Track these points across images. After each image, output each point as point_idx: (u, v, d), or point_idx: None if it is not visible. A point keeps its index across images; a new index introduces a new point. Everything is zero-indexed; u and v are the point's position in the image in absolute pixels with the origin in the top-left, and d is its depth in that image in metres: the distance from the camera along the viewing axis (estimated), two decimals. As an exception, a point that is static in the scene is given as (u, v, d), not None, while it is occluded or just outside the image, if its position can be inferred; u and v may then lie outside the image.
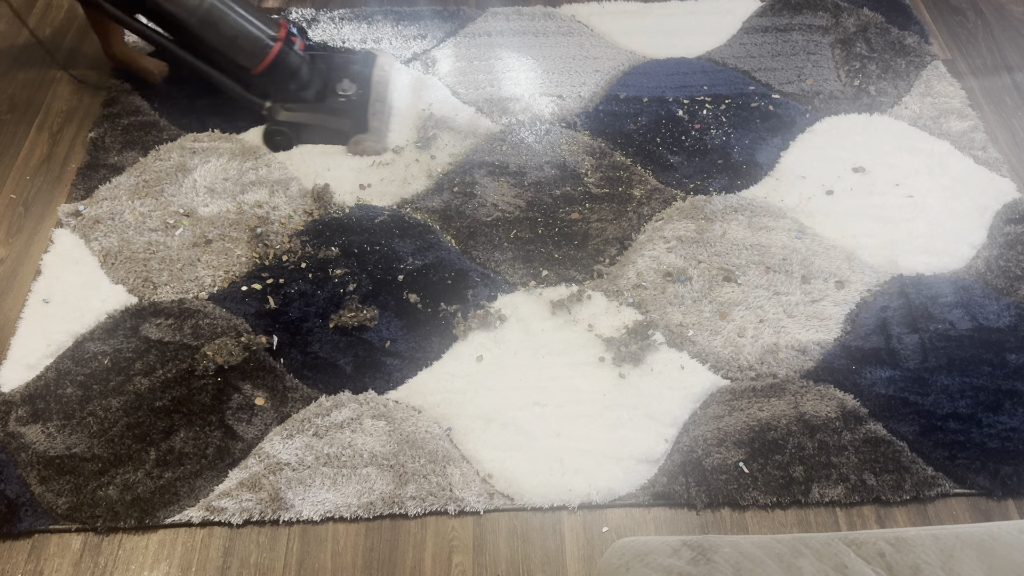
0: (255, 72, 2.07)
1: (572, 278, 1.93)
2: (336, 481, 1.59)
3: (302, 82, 2.14)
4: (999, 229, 2.02)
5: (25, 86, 2.35)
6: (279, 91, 2.13)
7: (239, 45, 2.02)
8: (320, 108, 2.16)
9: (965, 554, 1.09)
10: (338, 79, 2.19)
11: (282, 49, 2.07)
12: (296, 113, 2.13)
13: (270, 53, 2.05)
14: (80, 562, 1.51)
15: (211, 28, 2.00)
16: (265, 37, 2.05)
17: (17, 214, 2.05)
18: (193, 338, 1.79)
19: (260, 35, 2.04)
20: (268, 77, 2.09)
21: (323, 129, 2.15)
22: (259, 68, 2.06)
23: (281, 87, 2.12)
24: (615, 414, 1.69)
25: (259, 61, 2.05)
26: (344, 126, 2.14)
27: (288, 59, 2.09)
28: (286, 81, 2.12)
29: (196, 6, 1.97)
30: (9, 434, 1.65)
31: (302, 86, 2.15)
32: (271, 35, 2.06)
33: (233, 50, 2.03)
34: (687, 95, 2.33)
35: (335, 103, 2.16)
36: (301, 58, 2.13)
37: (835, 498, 1.58)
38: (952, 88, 2.34)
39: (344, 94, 2.16)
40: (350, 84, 2.17)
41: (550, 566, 1.52)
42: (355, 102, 2.17)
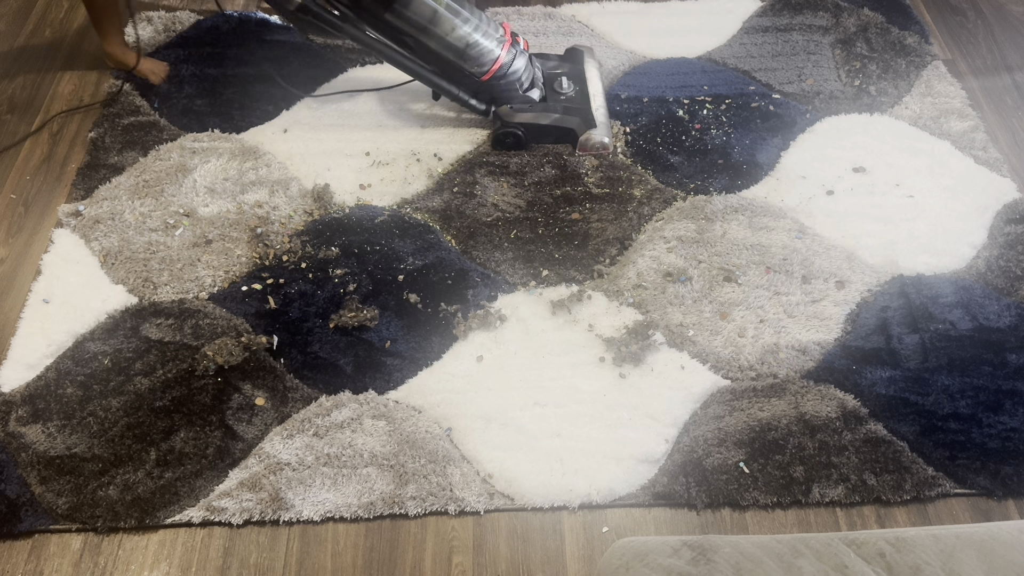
0: (484, 78, 2.05)
1: (572, 278, 1.93)
2: (336, 481, 1.59)
3: (528, 83, 2.13)
4: (999, 229, 2.01)
5: (25, 86, 2.35)
6: (507, 94, 2.11)
7: (468, 54, 2.00)
8: (548, 108, 2.15)
9: (965, 554, 1.09)
10: (553, 78, 2.19)
11: (509, 52, 2.05)
12: (528, 114, 2.13)
13: (498, 58, 2.03)
14: (80, 562, 1.51)
15: (442, 40, 1.97)
16: (493, 43, 2.02)
17: (17, 214, 2.05)
18: (193, 338, 1.79)
19: (488, 41, 2.01)
20: (496, 81, 2.07)
21: (555, 128, 2.15)
22: (488, 75, 2.04)
23: (509, 90, 2.11)
24: (615, 414, 1.69)
25: (488, 67, 2.03)
26: (573, 124, 2.14)
27: (515, 62, 2.07)
28: (514, 84, 2.10)
29: (429, 19, 1.94)
30: (9, 434, 1.65)
31: (528, 87, 2.13)
32: (498, 38, 2.03)
33: (462, 59, 2.01)
34: (687, 95, 2.33)
35: (558, 102, 2.16)
36: (527, 60, 2.12)
37: (835, 498, 1.58)
38: (952, 88, 2.34)
39: (565, 92, 2.16)
40: (568, 82, 2.18)
41: (550, 566, 1.52)
42: (575, 99, 2.17)
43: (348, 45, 2.46)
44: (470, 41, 1.98)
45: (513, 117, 2.12)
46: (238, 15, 2.54)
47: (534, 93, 2.15)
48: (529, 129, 2.14)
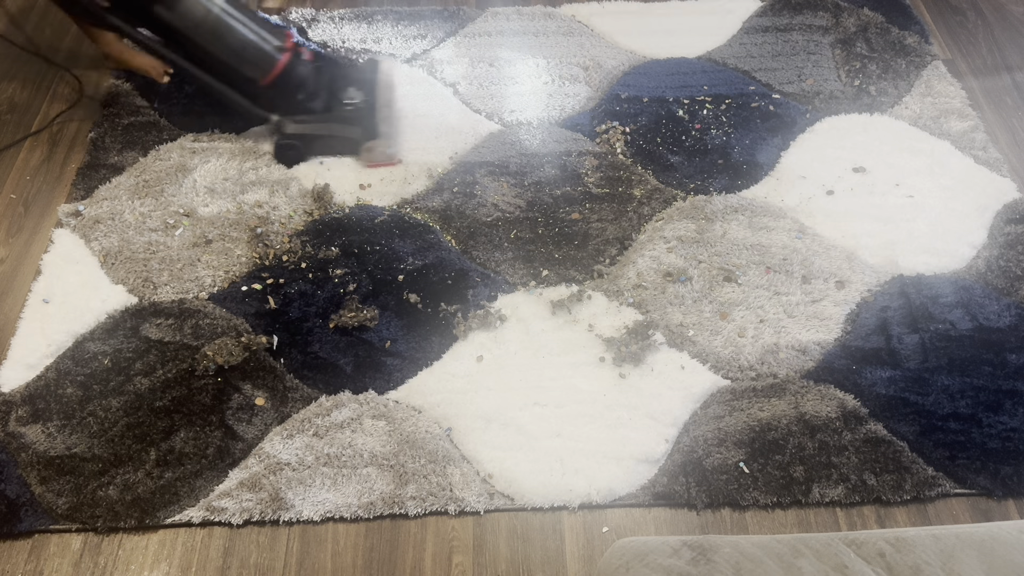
0: (263, 84, 2.04)
1: (572, 278, 1.93)
2: (336, 481, 1.59)
3: (309, 93, 2.11)
4: (999, 229, 2.02)
5: (25, 86, 2.35)
6: (287, 103, 2.10)
7: (246, 57, 1.99)
8: (329, 118, 2.12)
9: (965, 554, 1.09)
10: (342, 87, 2.16)
11: (290, 60, 2.04)
12: (305, 125, 2.10)
13: (278, 64, 2.02)
14: (80, 562, 1.51)
15: (217, 40, 1.96)
16: (272, 49, 2.02)
17: (17, 214, 2.05)
18: (193, 338, 1.79)
19: (267, 47, 2.01)
20: (276, 89, 2.06)
21: (334, 139, 2.12)
22: (267, 80, 2.03)
23: (289, 98, 2.09)
24: (615, 414, 1.69)
25: (266, 73, 2.02)
26: (355, 134, 2.11)
27: (296, 70, 2.06)
28: (294, 92, 2.09)
29: (202, 18, 1.93)
30: (9, 434, 1.65)
31: (310, 97, 2.11)
32: (278, 46, 2.03)
33: (240, 62, 2.00)
34: (687, 95, 2.33)
35: (343, 112, 2.13)
36: (309, 68, 2.10)
37: (835, 498, 1.58)
38: (952, 88, 2.34)
39: (351, 102, 2.13)
40: (356, 91, 2.15)
41: (550, 566, 1.52)
42: (363, 109, 2.14)
43: (348, 46, 2.46)
44: (246, 44, 1.97)
45: (290, 128, 2.09)
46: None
47: (317, 103, 2.12)
48: (307, 140, 2.11)
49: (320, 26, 2.52)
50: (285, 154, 2.12)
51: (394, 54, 2.43)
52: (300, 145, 2.11)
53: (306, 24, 2.52)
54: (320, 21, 2.53)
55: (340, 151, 2.15)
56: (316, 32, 2.50)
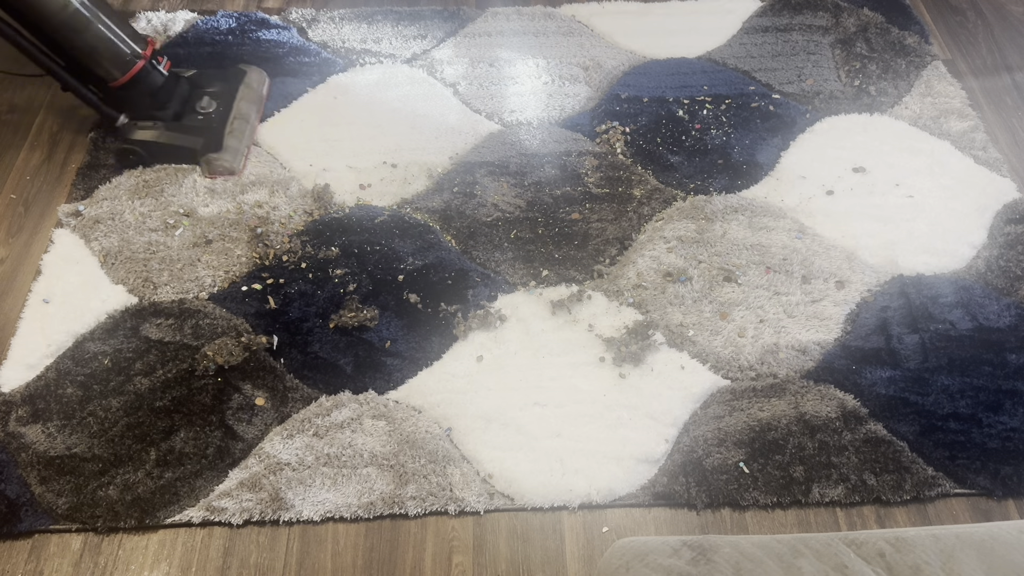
0: (113, 85, 2.03)
1: (572, 278, 1.93)
2: (336, 481, 1.59)
3: (161, 101, 2.10)
4: (999, 229, 2.02)
5: (25, 86, 2.35)
6: (136, 107, 2.09)
7: (100, 55, 1.97)
8: (174, 127, 2.11)
9: (965, 554, 1.09)
10: (198, 96, 2.16)
11: (145, 67, 2.03)
12: (148, 131, 2.09)
13: (132, 69, 2.01)
14: (80, 562, 1.51)
15: (73, 34, 1.93)
16: (129, 52, 2.00)
17: (17, 214, 2.05)
18: (193, 338, 1.79)
19: (124, 49, 1.99)
20: (126, 92, 2.05)
21: (173, 147, 2.10)
22: (118, 82, 2.02)
23: (138, 103, 2.08)
24: (615, 414, 1.69)
25: (119, 75, 2.01)
26: (195, 144, 2.09)
27: (149, 77, 2.06)
28: (144, 98, 2.08)
29: (60, 8, 1.89)
30: (9, 434, 1.65)
31: (160, 105, 2.10)
32: (136, 51, 2.02)
33: (93, 59, 1.98)
34: (687, 95, 2.33)
35: (192, 121, 2.12)
36: (164, 77, 2.09)
37: (835, 498, 1.58)
38: (952, 88, 2.34)
39: (203, 111, 2.13)
40: (210, 101, 2.14)
41: (550, 566, 1.52)
42: (213, 120, 2.13)
43: (348, 47, 2.46)
44: (100, 44, 1.96)
45: (133, 134, 2.08)
46: (238, 15, 2.54)
47: (167, 112, 2.11)
48: (148, 147, 2.09)
49: (320, 26, 2.52)
50: (126, 158, 2.11)
51: (394, 54, 2.43)
52: (142, 151, 2.09)
53: (306, 24, 2.52)
54: (320, 21, 2.53)
55: (181, 159, 2.12)
56: (316, 32, 2.50)
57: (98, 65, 1.99)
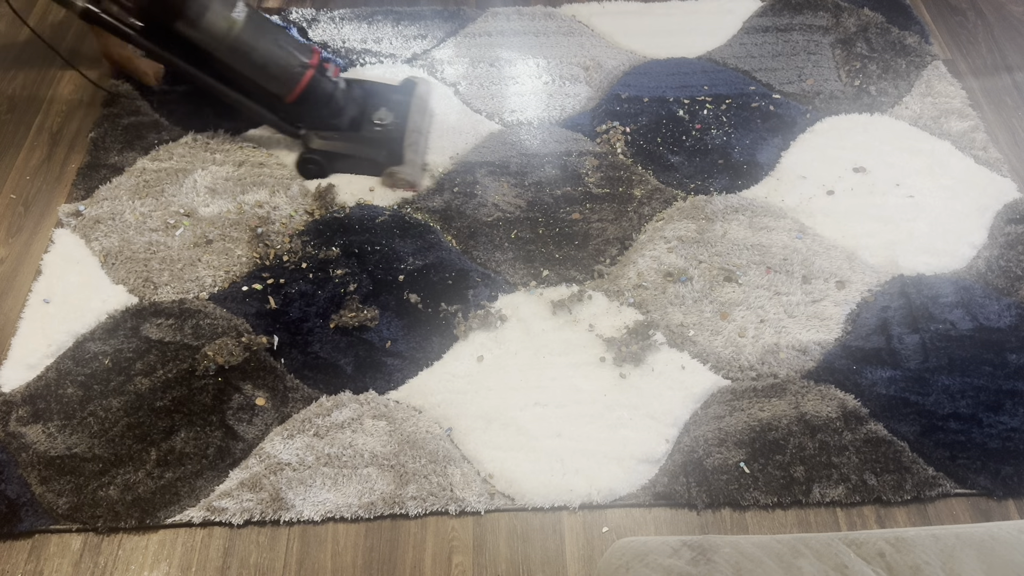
0: (288, 100, 2.02)
1: (573, 278, 1.93)
2: (337, 481, 1.59)
3: (336, 109, 2.08)
4: (1000, 229, 2.01)
5: (25, 86, 2.35)
6: (312, 118, 2.07)
7: (270, 73, 1.97)
8: (355, 137, 2.09)
9: (965, 554, 1.09)
10: (375, 107, 2.13)
11: (314, 76, 2.01)
12: (330, 142, 2.07)
13: (301, 80, 1.99)
14: (80, 562, 1.51)
15: (241, 56, 1.93)
16: (296, 64, 1.99)
17: (17, 214, 2.05)
18: (194, 338, 1.79)
19: (291, 62, 1.98)
20: (301, 105, 2.04)
21: (357, 159, 2.09)
22: (291, 96, 2.01)
23: (314, 114, 2.07)
24: (616, 414, 1.69)
25: (291, 89, 1.99)
26: (379, 156, 2.08)
27: (320, 86, 2.03)
28: (319, 108, 2.06)
29: (224, 34, 1.90)
30: (10, 434, 1.65)
31: (336, 113, 2.08)
32: (303, 62, 2.00)
33: (264, 78, 1.98)
34: (688, 95, 2.33)
35: (370, 132, 2.10)
36: (335, 85, 2.07)
37: (836, 498, 1.58)
38: (952, 88, 2.34)
39: (381, 123, 2.10)
40: (387, 113, 2.12)
41: (550, 566, 1.52)
42: (391, 132, 2.11)
43: (348, 47, 2.46)
44: (269, 60, 1.95)
45: (314, 143, 2.07)
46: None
47: (343, 120, 2.10)
48: (329, 157, 2.08)
49: (320, 26, 2.52)
50: (306, 168, 2.10)
51: (394, 54, 2.43)
52: (323, 161, 2.08)
53: (306, 24, 2.52)
54: (320, 21, 2.53)
55: (362, 171, 2.11)
56: (316, 32, 2.50)
57: (270, 82, 1.98)
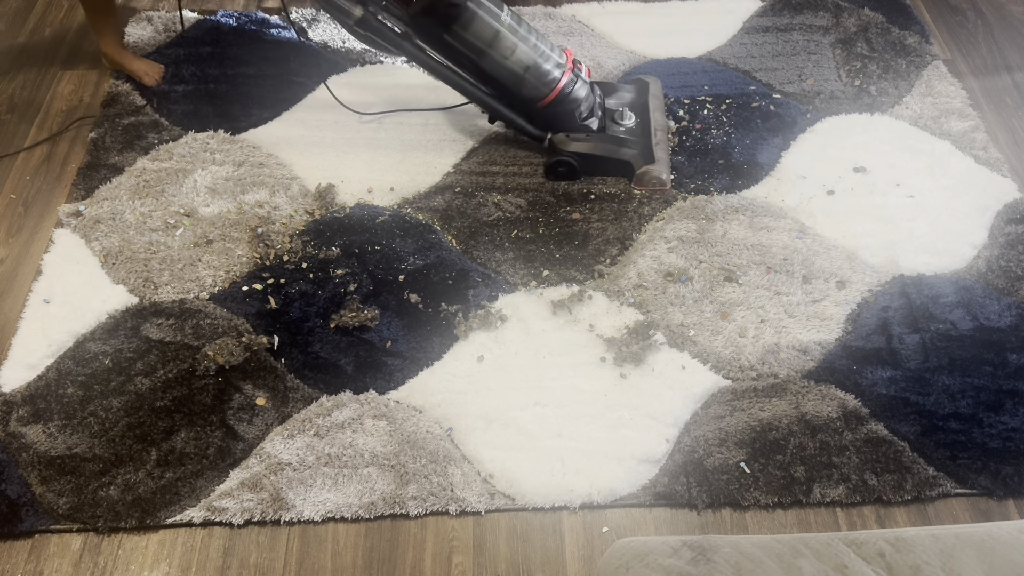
0: (541, 105, 2.01)
1: (573, 278, 1.93)
2: (337, 481, 1.59)
3: (588, 111, 2.07)
4: (1000, 229, 2.01)
5: (25, 86, 2.35)
6: (564, 122, 2.06)
7: (527, 78, 1.95)
8: (605, 139, 2.08)
9: (965, 554, 1.09)
10: (615, 108, 2.13)
11: (569, 79, 1.99)
12: (583, 143, 2.05)
13: (557, 85, 1.97)
14: (80, 562, 1.51)
15: (500, 62, 1.92)
16: (553, 68, 1.97)
17: (17, 214, 2.05)
18: (194, 338, 1.79)
19: (549, 67, 1.96)
20: (554, 108, 2.02)
21: (611, 160, 2.07)
22: (546, 101, 2.00)
23: (567, 117, 2.05)
24: (616, 414, 1.69)
25: (546, 93, 1.98)
26: (630, 156, 2.07)
27: (575, 90, 2.01)
28: (572, 112, 2.04)
29: (490, 40, 1.89)
30: (10, 434, 1.65)
31: (587, 116, 2.07)
32: (559, 64, 1.98)
33: (520, 83, 1.96)
34: (688, 95, 2.33)
35: (617, 133, 2.09)
36: (587, 87, 2.05)
37: (836, 498, 1.58)
38: (953, 88, 2.34)
39: (625, 124, 2.10)
40: (629, 113, 2.11)
41: (550, 566, 1.52)
42: (636, 132, 2.11)
43: (348, 47, 2.46)
44: (529, 65, 1.93)
45: (568, 146, 2.05)
46: (238, 15, 2.54)
47: (592, 122, 2.08)
48: (583, 159, 2.06)
49: (320, 26, 2.52)
50: (558, 171, 2.08)
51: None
52: (576, 163, 2.06)
53: (306, 24, 2.53)
54: (320, 21, 2.53)
55: (613, 172, 2.11)
56: (316, 32, 2.50)
57: (525, 87, 1.97)
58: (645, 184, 2.08)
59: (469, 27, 1.87)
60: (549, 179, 2.11)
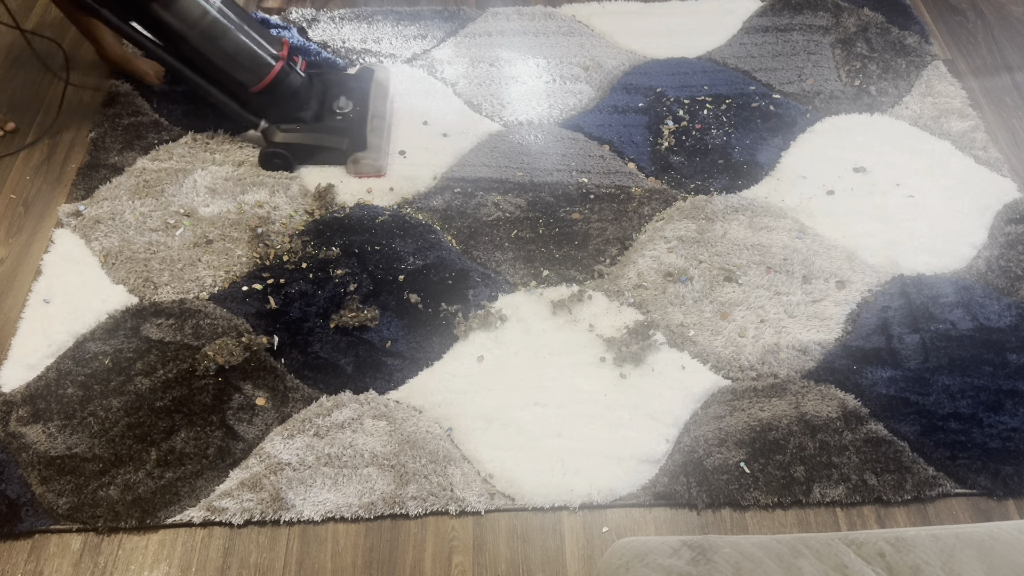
0: (253, 90, 2.03)
1: (573, 278, 1.93)
2: (337, 481, 1.59)
3: (300, 102, 2.09)
4: (1000, 229, 2.01)
5: (25, 86, 2.35)
6: (277, 110, 2.08)
7: (239, 62, 1.97)
8: (317, 128, 2.10)
9: (965, 554, 1.09)
10: (335, 96, 2.15)
11: (283, 68, 2.02)
12: (292, 134, 2.08)
13: (271, 72, 2.00)
14: (80, 562, 1.51)
15: (211, 43, 1.94)
16: (267, 55, 2.00)
17: (17, 214, 2.05)
18: (194, 338, 1.79)
19: (262, 53, 1.99)
20: (266, 96, 2.04)
21: (320, 149, 2.10)
22: (258, 87, 2.02)
23: (279, 106, 2.08)
24: (616, 414, 1.69)
25: (259, 79, 2.00)
26: (341, 144, 2.09)
27: (288, 79, 2.04)
28: (285, 100, 2.07)
29: (198, 19, 1.90)
30: (10, 434, 1.65)
31: (300, 106, 2.10)
32: (273, 53, 2.01)
33: (232, 66, 1.98)
34: (688, 95, 2.33)
35: (332, 122, 2.11)
36: (301, 78, 2.08)
37: (836, 498, 1.58)
38: (952, 88, 2.34)
39: (341, 112, 2.12)
40: (347, 101, 2.13)
41: (550, 566, 1.52)
42: (352, 119, 2.12)
43: (348, 47, 2.46)
44: (240, 49, 1.95)
45: (276, 137, 2.07)
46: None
47: (307, 113, 2.11)
48: (294, 149, 2.09)
49: (320, 26, 2.52)
50: (271, 162, 2.10)
51: (394, 54, 2.43)
52: (287, 154, 2.09)
53: (306, 24, 2.52)
54: (320, 21, 2.53)
55: (326, 161, 2.13)
56: (316, 32, 2.50)
57: (237, 71, 1.99)
58: (360, 172, 2.11)
59: (174, 5, 1.88)
60: (266, 169, 2.12)
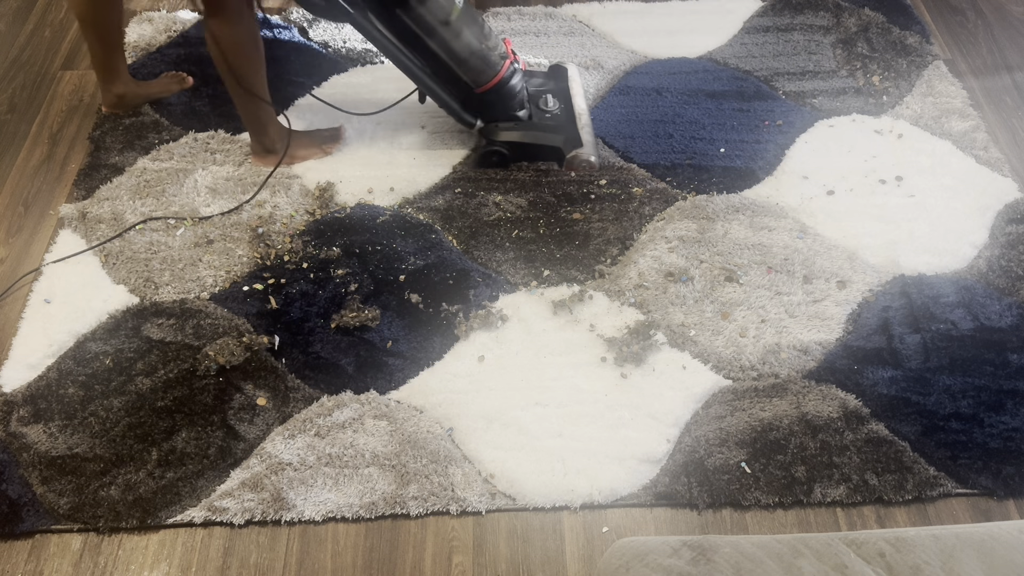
0: (479, 90, 2.03)
1: (574, 278, 1.93)
2: (338, 481, 1.59)
3: (521, 101, 2.10)
4: (1001, 229, 2.01)
5: (25, 86, 2.35)
6: (500, 109, 2.09)
7: (471, 63, 1.97)
8: (534, 126, 2.12)
9: (965, 554, 1.09)
10: (539, 95, 2.17)
11: (510, 68, 2.03)
12: (514, 132, 2.09)
13: (498, 73, 2.00)
14: (80, 562, 1.51)
15: (448, 43, 1.94)
16: (496, 57, 2.00)
17: (17, 214, 2.05)
18: (195, 338, 1.79)
19: (492, 55, 1.99)
20: (492, 95, 2.04)
21: (540, 147, 2.12)
22: (485, 86, 2.02)
23: (500, 106, 2.08)
24: (617, 414, 1.69)
25: (488, 79, 2.01)
26: (558, 142, 2.10)
27: (512, 80, 2.05)
28: (506, 101, 2.07)
29: (443, 20, 1.89)
30: (11, 434, 1.65)
31: (520, 105, 2.10)
32: (500, 53, 2.01)
33: (464, 66, 1.98)
34: (688, 95, 2.33)
35: (543, 119, 2.13)
36: (521, 77, 2.09)
37: (837, 498, 1.58)
38: (953, 88, 2.34)
39: (549, 110, 2.14)
40: (553, 100, 2.16)
41: (550, 566, 1.52)
42: (561, 117, 2.15)
43: (348, 47, 2.46)
44: (474, 50, 1.96)
45: (498, 135, 2.09)
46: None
47: (522, 112, 2.12)
48: (514, 147, 2.11)
49: (321, 26, 2.52)
50: (490, 159, 2.12)
51: None
52: (507, 152, 2.10)
53: (307, 24, 2.53)
54: (321, 21, 2.53)
55: (543, 158, 2.15)
56: (317, 32, 2.50)
57: (468, 71, 1.99)
58: (576, 167, 2.13)
59: (424, 4, 1.88)
60: (481, 167, 2.14)
